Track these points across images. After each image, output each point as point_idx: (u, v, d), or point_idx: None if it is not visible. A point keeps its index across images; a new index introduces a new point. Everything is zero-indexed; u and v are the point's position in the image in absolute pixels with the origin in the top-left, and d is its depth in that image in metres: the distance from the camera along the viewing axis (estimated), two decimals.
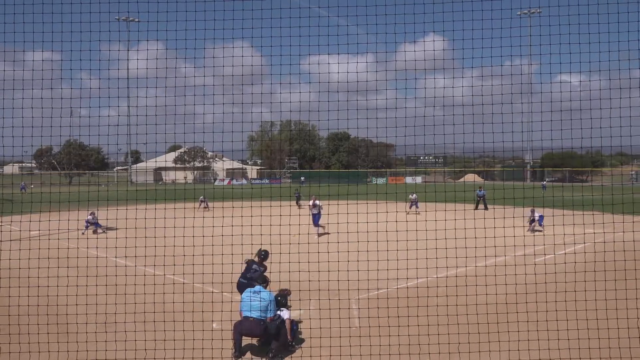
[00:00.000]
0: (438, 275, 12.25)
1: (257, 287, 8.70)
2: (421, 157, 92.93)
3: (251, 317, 8.47)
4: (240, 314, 8.65)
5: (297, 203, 34.47)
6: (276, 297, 9.15)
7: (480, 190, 32.70)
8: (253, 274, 10.12)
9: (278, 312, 8.91)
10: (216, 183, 79.77)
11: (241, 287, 9.90)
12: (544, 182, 57.11)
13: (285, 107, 14.87)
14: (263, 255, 10.51)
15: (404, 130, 9.03)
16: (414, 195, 30.68)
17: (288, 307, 9.30)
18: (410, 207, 30.32)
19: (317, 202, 19.73)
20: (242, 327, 8.45)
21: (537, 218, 22.66)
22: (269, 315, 8.57)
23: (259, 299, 8.55)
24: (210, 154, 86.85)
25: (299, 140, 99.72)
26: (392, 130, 9.31)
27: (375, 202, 32.30)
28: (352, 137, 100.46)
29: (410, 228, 11.09)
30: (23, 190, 46.52)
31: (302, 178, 67.91)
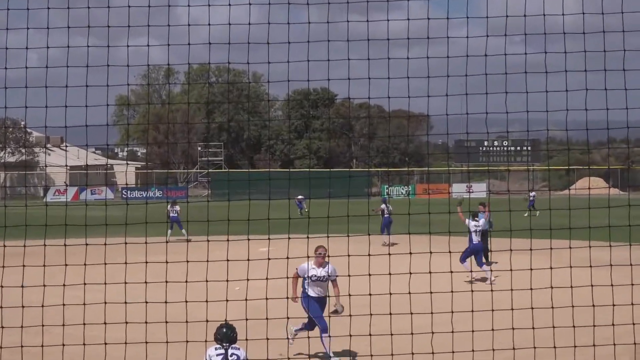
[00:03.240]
0: None
1: None
2: (486, 143, 67.76)
3: None
4: None
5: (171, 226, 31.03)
6: (221, 328, 9.22)
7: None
8: None
9: (233, 352, 9.08)
10: (49, 198, 63.47)
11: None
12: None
13: (196, 35, 11.63)
14: None
15: (446, 85, 8.01)
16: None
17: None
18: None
19: None
20: None
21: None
22: None
23: None
24: (35, 135, 74.53)
25: (225, 106, 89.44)
26: (422, 87, 7.28)
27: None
28: (338, 100, 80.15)
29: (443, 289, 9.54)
30: None
31: (301, 197, 49.13)
